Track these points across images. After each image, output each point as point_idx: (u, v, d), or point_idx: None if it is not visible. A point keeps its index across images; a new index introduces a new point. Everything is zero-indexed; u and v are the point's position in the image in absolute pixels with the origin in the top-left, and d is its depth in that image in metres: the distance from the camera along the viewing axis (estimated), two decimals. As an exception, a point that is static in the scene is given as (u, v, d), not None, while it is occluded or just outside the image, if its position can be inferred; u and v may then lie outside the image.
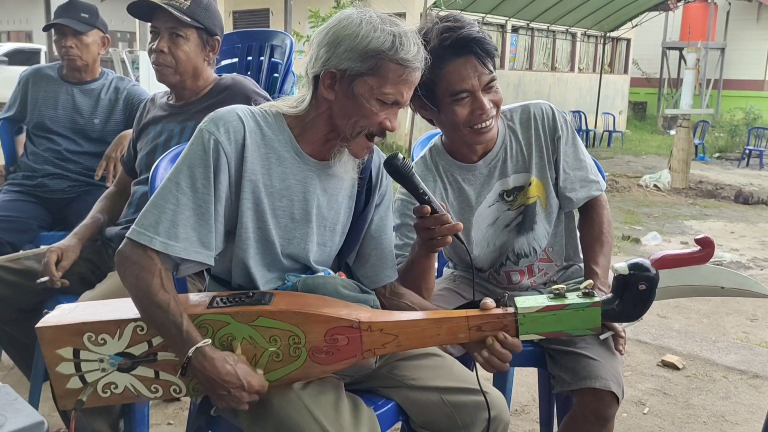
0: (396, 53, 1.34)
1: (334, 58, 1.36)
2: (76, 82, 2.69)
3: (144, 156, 2.09)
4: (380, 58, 1.34)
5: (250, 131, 1.39)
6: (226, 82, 2.12)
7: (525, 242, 1.85)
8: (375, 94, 1.36)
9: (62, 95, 2.67)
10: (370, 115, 1.38)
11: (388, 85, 1.36)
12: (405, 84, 1.38)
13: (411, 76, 1.38)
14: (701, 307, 4.05)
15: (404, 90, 1.39)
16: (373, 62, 1.34)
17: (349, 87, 1.37)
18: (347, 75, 1.36)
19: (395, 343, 1.34)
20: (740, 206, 8.52)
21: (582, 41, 17.12)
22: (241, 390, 1.28)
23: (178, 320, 1.28)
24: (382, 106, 1.38)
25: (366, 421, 1.34)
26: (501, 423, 1.48)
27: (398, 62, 1.35)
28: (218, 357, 1.28)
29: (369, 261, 1.60)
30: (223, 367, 1.27)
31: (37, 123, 2.68)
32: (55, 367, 1.34)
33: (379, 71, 1.35)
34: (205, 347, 1.28)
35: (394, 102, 1.39)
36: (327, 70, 1.37)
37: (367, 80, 1.36)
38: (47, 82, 2.71)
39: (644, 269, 1.28)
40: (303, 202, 1.45)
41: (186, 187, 1.34)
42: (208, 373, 1.27)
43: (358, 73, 1.35)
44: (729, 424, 2.60)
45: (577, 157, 1.84)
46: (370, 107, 1.37)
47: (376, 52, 1.34)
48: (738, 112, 17.63)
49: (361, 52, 1.34)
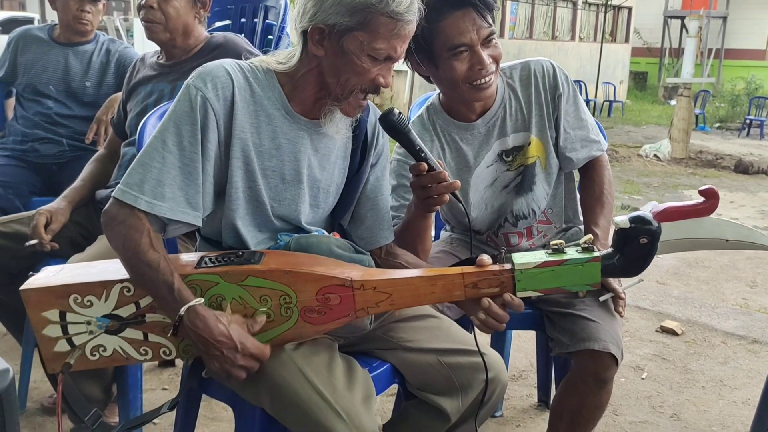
0: (386, 6, 1.27)
1: (321, 12, 1.29)
2: (67, 43, 2.61)
3: (134, 117, 2.04)
4: (370, 12, 1.27)
5: (239, 87, 1.34)
6: (218, 41, 2.06)
7: (524, 203, 1.81)
8: (366, 49, 1.30)
9: (53, 57, 2.60)
10: (362, 72, 1.32)
11: (379, 40, 1.30)
12: (398, 38, 1.31)
13: (404, 30, 1.31)
14: (700, 273, 4.03)
15: (397, 44, 1.32)
16: (362, 16, 1.28)
17: (339, 43, 1.30)
18: (336, 30, 1.29)
19: (389, 302, 1.30)
20: (740, 176, 8.49)
21: (583, 9, 16.92)
22: (233, 351, 1.23)
23: (169, 279, 1.24)
24: (374, 62, 1.32)
25: (360, 382, 1.31)
26: (499, 384, 1.46)
27: (389, 15, 1.28)
28: (210, 316, 1.24)
29: (365, 222, 1.56)
30: (216, 326, 1.23)
31: (27, 85, 2.61)
32: (42, 330, 1.31)
33: (369, 25, 1.28)
34: (197, 306, 1.24)
35: (386, 57, 1.32)
36: (315, 26, 1.31)
37: (356, 35, 1.29)
38: (37, 44, 2.63)
39: (646, 222, 1.23)
40: (294, 163, 1.41)
41: (172, 145, 1.29)
42: (200, 332, 1.23)
43: (347, 28, 1.29)
44: (727, 389, 2.59)
45: (578, 116, 1.79)
46: (361, 64, 1.31)
47: (365, 5, 1.27)
48: (739, 82, 17.50)
49: (349, 5, 1.27)
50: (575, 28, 16.92)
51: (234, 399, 1.39)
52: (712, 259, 4.31)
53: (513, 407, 2.42)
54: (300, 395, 1.24)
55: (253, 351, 1.25)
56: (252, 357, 1.25)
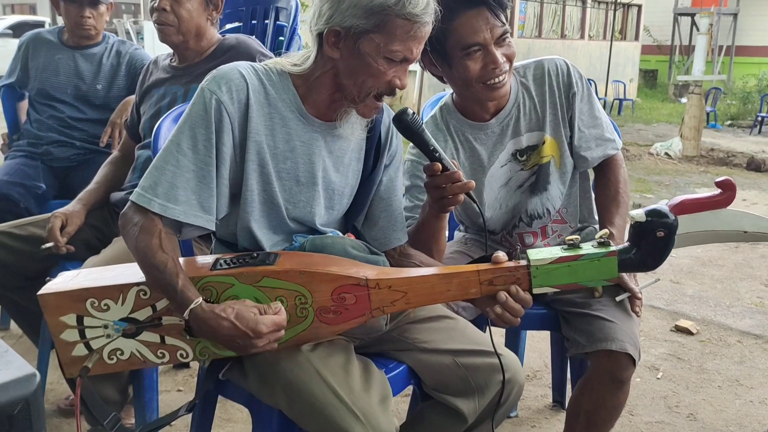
0: (403, 7, 1.27)
1: (337, 14, 1.29)
2: (77, 47, 2.62)
3: (147, 120, 2.04)
4: (386, 14, 1.27)
5: (254, 90, 1.34)
6: (230, 42, 2.07)
7: (539, 203, 1.80)
8: (382, 52, 1.30)
9: (63, 61, 2.61)
10: (378, 74, 1.32)
11: (395, 42, 1.29)
12: (414, 40, 1.31)
13: (420, 32, 1.31)
14: (715, 272, 4.00)
15: (413, 46, 1.32)
16: (378, 18, 1.27)
17: (355, 45, 1.30)
18: (352, 32, 1.29)
19: (404, 300, 1.30)
20: (752, 174, 8.41)
21: (592, 8, 16.85)
22: (247, 338, 1.22)
23: (174, 281, 1.24)
24: (390, 63, 1.31)
25: (377, 384, 1.31)
26: (516, 385, 1.45)
27: (406, 17, 1.28)
28: (210, 316, 1.23)
29: (378, 223, 1.55)
30: (219, 324, 1.22)
31: (39, 90, 2.62)
32: (59, 335, 1.31)
33: (385, 27, 1.28)
34: (197, 308, 1.23)
35: (403, 59, 1.32)
36: (331, 28, 1.30)
37: (373, 37, 1.29)
38: (48, 48, 2.64)
39: (662, 215, 1.21)
40: (308, 165, 1.40)
41: (187, 148, 1.29)
42: (206, 333, 1.24)
43: (364, 31, 1.29)
44: (744, 389, 2.56)
45: (593, 115, 1.78)
46: (377, 66, 1.31)
47: (381, 7, 1.26)
48: (750, 79, 17.36)
49: (366, 7, 1.27)
50: (584, 26, 16.85)
51: (251, 400, 1.39)
52: (726, 258, 4.27)
53: (528, 407, 2.41)
54: (317, 396, 1.24)
55: (267, 330, 1.23)
56: (270, 333, 1.23)
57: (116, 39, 2.71)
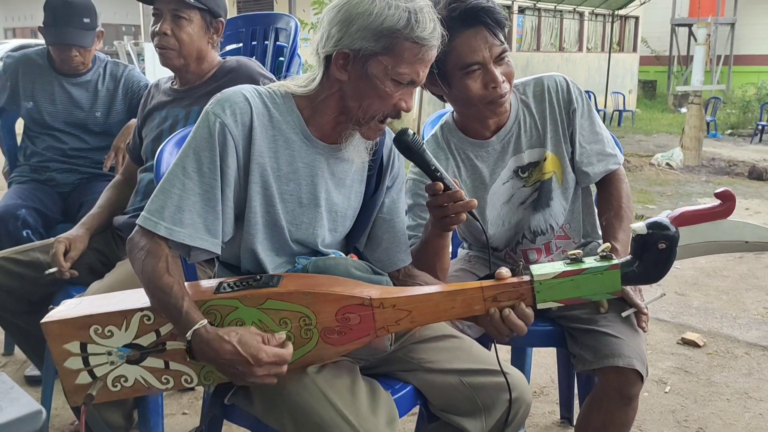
0: (412, 31, 1.28)
1: (346, 37, 1.30)
2: (68, 74, 2.56)
3: (149, 143, 2.05)
4: (395, 37, 1.28)
5: (258, 112, 1.35)
6: (231, 65, 2.07)
7: (541, 219, 1.80)
8: (390, 74, 1.31)
9: (57, 89, 2.55)
10: (385, 97, 1.33)
11: (403, 65, 1.30)
12: (421, 63, 1.32)
13: (427, 55, 1.32)
14: (720, 283, 3.99)
15: (420, 69, 1.33)
16: (387, 41, 1.28)
17: (363, 67, 1.31)
18: (361, 55, 1.30)
19: (409, 319, 1.29)
20: (754, 182, 8.40)
21: (590, 20, 16.93)
22: (247, 365, 1.21)
23: (179, 303, 1.24)
24: (397, 86, 1.32)
25: (384, 405, 1.30)
26: (523, 404, 1.44)
27: (414, 41, 1.29)
28: (214, 338, 1.22)
29: (381, 245, 1.55)
30: (221, 346, 1.22)
31: (36, 119, 2.56)
32: (63, 363, 1.31)
33: (394, 50, 1.29)
34: (201, 329, 1.23)
35: (410, 82, 1.33)
36: (340, 51, 1.31)
37: (381, 60, 1.30)
38: (39, 73, 2.57)
39: (663, 227, 1.22)
40: (311, 186, 1.41)
41: (192, 171, 1.30)
42: (208, 355, 1.23)
43: (372, 53, 1.30)
44: (753, 401, 2.54)
45: (594, 130, 1.79)
46: (384, 88, 1.32)
47: (390, 30, 1.28)
48: (750, 88, 17.37)
49: (375, 30, 1.28)
50: (582, 38, 16.92)
51: (257, 425, 1.38)
52: (731, 269, 4.26)
53: (535, 424, 2.39)
54: (324, 419, 1.23)
55: (269, 360, 1.22)
56: (271, 365, 1.23)
57: (106, 60, 2.65)
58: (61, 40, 2.45)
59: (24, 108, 2.58)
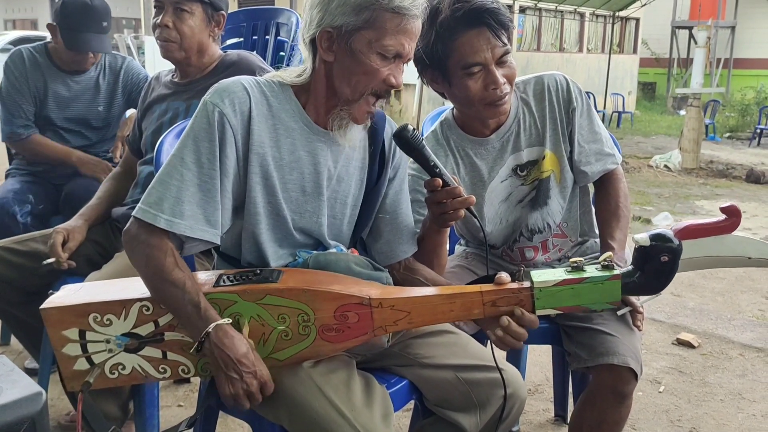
0: (390, 1, 1.29)
1: (327, 15, 1.31)
2: (70, 71, 2.57)
3: (149, 135, 2.05)
4: (374, 8, 1.29)
5: (256, 102, 1.35)
6: (232, 59, 2.08)
7: (539, 217, 1.81)
8: (374, 47, 1.31)
9: (60, 87, 2.56)
10: (372, 72, 1.33)
11: (386, 37, 1.31)
12: (404, 34, 1.32)
13: (410, 25, 1.32)
14: (716, 285, 4.00)
15: (404, 41, 1.33)
16: (368, 14, 1.29)
17: (347, 44, 1.32)
18: (344, 31, 1.31)
19: (407, 320, 1.30)
20: (752, 186, 8.42)
21: (590, 21, 16.95)
22: (252, 376, 1.25)
23: (195, 299, 1.25)
24: (383, 60, 1.33)
25: (379, 399, 1.31)
26: (517, 400, 1.45)
27: (394, 10, 1.30)
28: (238, 336, 1.25)
29: (384, 236, 1.56)
30: (241, 347, 1.25)
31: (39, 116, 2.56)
32: (62, 349, 1.32)
33: (375, 23, 1.30)
34: (225, 325, 1.25)
35: (395, 55, 1.33)
36: (323, 30, 1.32)
37: (364, 34, 1.31)
38: (42, 71, 2.56)
39: (667, 240, 1.22)
40: (314, 174, 1.41)
41: (191, 162, 1.30)
42: (227, 350, 1.24)
43: (355, 28, 1.30)
44: (746, 402, 2.56)
45: (593, 130, 1.79)
46: (370, 63, 1.32)
47: (369, 2, 1.29)
48: (749, 91, 17.40)
49: (354, 4, 1.29)
50: (583, 39, 16.94)
51: (252, 416, 1.39)
52: (726, 271, 4.27)
53: (530, 422, 2.40)
54: (319, 413, 1.24)
55: (266, 379, 1.27)
56: (263, 385, 1.27)
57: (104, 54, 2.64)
58: (83, 47, 2.47)
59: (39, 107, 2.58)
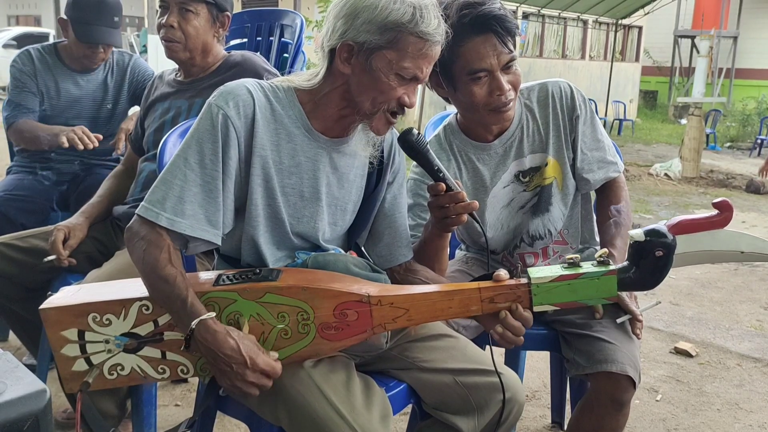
0: (416, 26, 1.30)
1: (351, 30, 1.32)
2: (80, 70, 2.58)
3: (152, 133, 2.05)
4: (400, 31, 1.30)
5: (260, 106, 1.36)
6: (236, 59, 2.08)
7: (540, 224, 1.81)
8: (394, 68, 1.32)
9: (71, 86, 2.57)
10: (388, 90, 1.34)
11: (407, 59, 1.32)
12: (425, 58, 1.34)
13: (431, 50, 1.34)
14: (714, 294, 4.00)
15: (423, 65, 1.34)
16: (392, 35, 1.30)
17: (367, 61, 1.32)
18: (365, 48, 1.32)
19: (406, 317, 1.30)
20: (752, 196, 8.43)
21: (593, 28, 16.97)
22: (243, 366, 1.23)
23: (183, 294, 1.25)
24: (400, 81, 1.34)
25: (378, 401, 1.31)
26: (516, 404, 1.45)
27: (418, 35, 1.30)
28: (221, 330, 1.24)
29: (383, 240, 1.56)
30: (225, 340, 1.23)
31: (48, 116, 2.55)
32: (60, 350, 1.31)
33: (398, 44, 1.31)
34: (209, 320, 1.24)
35: (413, 77, 1.34)
36: (344, 43, 1.33)
37: (385, 54, 1.31)
38: (51, 71, 2.56)
39: (661, 235, 1.23)
40: (312, 180, 1.42)
41: (194, 162, 1.31)
42: (210, 345, 1.23)
43: (377, 47, 1.31)
44: (743, 412, 2.56)
45: (595, 138, 1.80)
46: (388, 82, 1.33)
47: (395, 24, 1.29)
48: (750, 102, 17.41)
49: (380, 24, 1.30)
50: (585, 46, 16.96)
51: (251, 417, 1.39)
52: (725, 280, 4.28)
53: (526, 428, 2.40)
54: (318, 413, 1.24)
55: (264, 367, 1.25)
56: (263, 373, 1.25)
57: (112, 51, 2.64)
58: (95, 39, 2.46)
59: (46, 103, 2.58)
